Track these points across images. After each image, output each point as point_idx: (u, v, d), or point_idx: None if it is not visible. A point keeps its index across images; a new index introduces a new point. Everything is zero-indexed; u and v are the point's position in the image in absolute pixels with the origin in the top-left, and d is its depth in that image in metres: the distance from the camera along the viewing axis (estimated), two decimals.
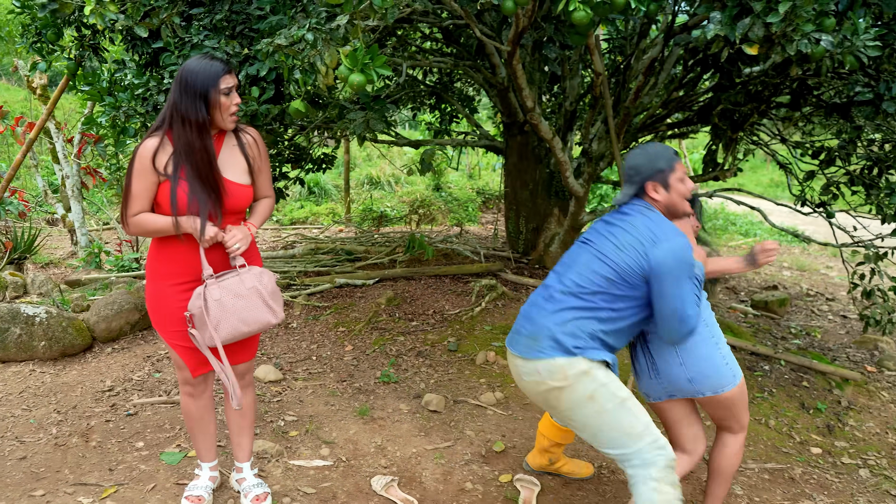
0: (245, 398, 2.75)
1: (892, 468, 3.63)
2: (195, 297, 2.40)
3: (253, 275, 2.48)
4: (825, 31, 2.36)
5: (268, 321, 2.49)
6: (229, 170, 2.47)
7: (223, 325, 2.41)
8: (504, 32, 4.88)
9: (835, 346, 5.70)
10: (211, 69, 2.33)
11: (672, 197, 2.42)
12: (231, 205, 2.45)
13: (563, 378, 2.28)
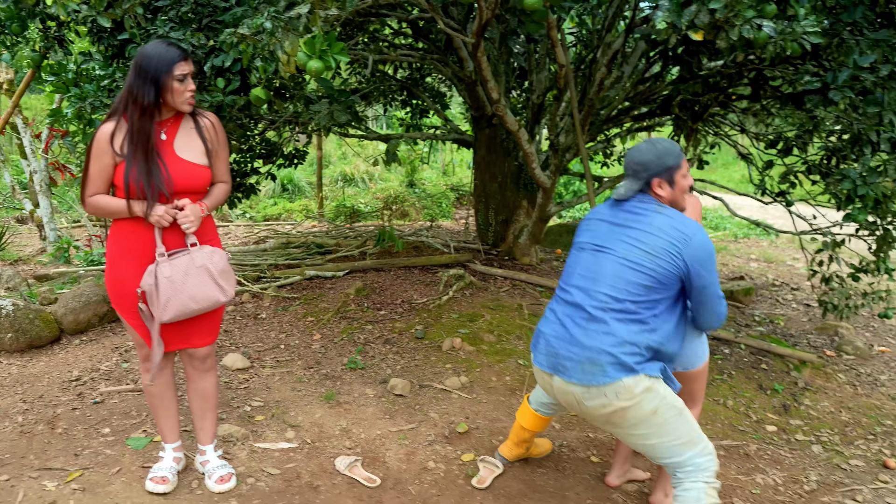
0: (207, 382, 2.80)
1: (843, 444, 3.75)
2: (147, 275, 2.49)
3: (204, 253, 2.56)
4: (766, 17, 2.46)
5: (217, 299, 2.57)
6: (186, 151, 2.54)
7: (173, 302, 2.48)
8: (470, 25, 4.96)
9: (797, 333, 5.84)
10: (166, 55, 2.40)
11: (676, 193, 2.44)
12: (186, 184, 2.51)
13: (630, 397, 2.28)
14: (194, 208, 2.54)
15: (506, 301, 4.95)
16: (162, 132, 2.54)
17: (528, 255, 6.16)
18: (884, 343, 5.67)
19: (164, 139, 2.53)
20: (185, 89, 2.46)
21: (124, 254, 2.54)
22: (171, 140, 2.54)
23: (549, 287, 5.33)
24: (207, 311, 2.63)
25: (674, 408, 2.33)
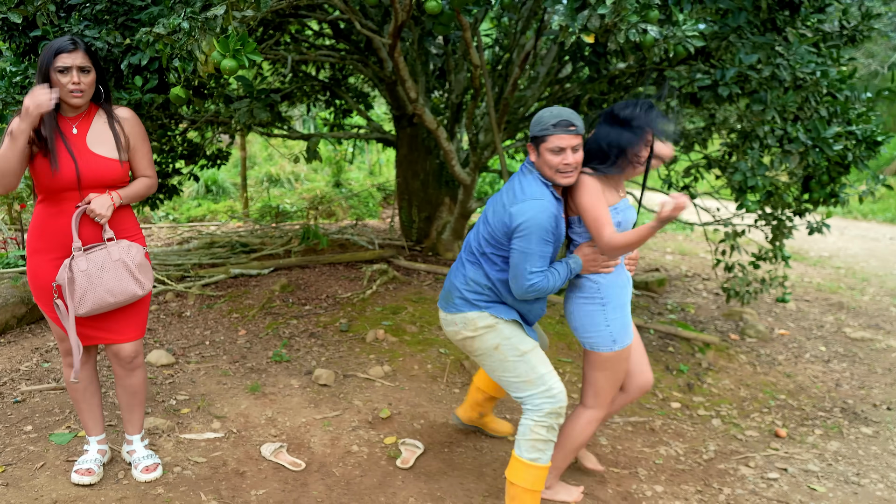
0: (135, 378, 2.84)
1: (740, 417, 4.06)
2: (63, 269, 2.53)
3: (121, 248, 2.62)
4: (650, 22, 2.69)
5: (134, 292, 2.62)
6: (98, 145, 2.59)
7: (89, 296, 2.53)
8: (387, 27, 5.10)
9: (705, 319, 6.21)
10: (52, 47, 2.48)
11: (539, 162, 2.56)
12: (96, 178, 2.57)
13: (474, 329, 2.71)
14: (102, 198, 2.56)
15: (428, 294, 5.12)
16: (73, 127, 2.59)
17: (451, 250, 6.34)
18: (784, 327, 6.09)
19: (75, 133, 2.58)
20: (66, 81, 2.49)
21: (42, 248, 2.59)
22: (82, 134, 2.59)
23: None
24: (127, 305, 2.68)
25: (516, 349, 2.68)
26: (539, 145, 2.55)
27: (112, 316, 2.69)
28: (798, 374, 4.82)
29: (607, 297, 2.69)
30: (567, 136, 2.51)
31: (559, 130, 2.51)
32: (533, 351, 2.70)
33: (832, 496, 3.19)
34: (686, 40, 2.88)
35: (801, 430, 3.91)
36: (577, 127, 2.52)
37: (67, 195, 2.57)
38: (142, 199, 2.75)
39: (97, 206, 2.54)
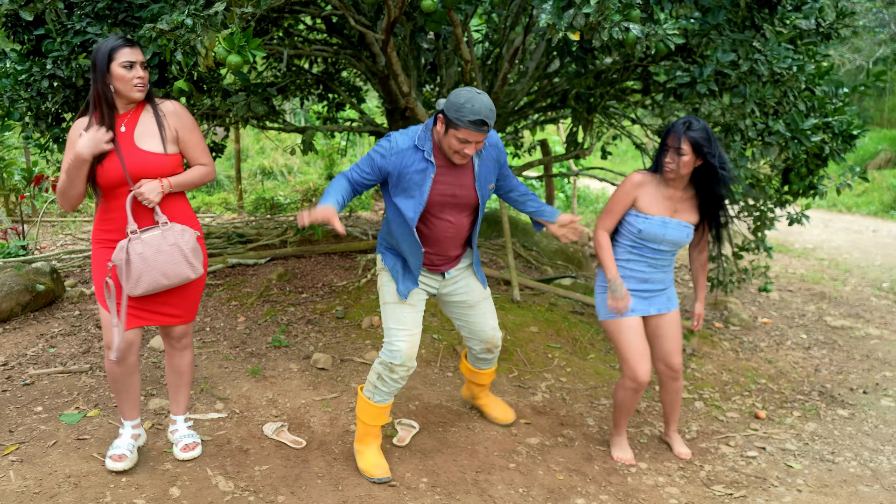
0: (183, 359, 2.98)
1: (722, 400, 4.22)
2: (118, 251, 2.63)
3: (175, 232, 2.71)
4: (632, 21, 2.83)
5: (187, 275, 2.73)
6: (143, 139, 2.68)
7: (145, 277, 2.63)
8: (380, 23, 5.22)
9: (691, 308, 6.38)
10: (108, 45, 2.58)
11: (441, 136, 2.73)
12: (144, 174, 2.65)
13: (377, 268, 3.07)
14: (152, 184, 2.65)
15: None
16: (122, 125, 2.67)
17: None
18: (767, 315, 6.27)
19: (123, 131, 2.66)
20: (132, 76, 2.60)
21: (102, 239, 2.72)
22: (130, 132, 2.68)
23: None
24: (179, 287, 2.80)
25: (383, 298, 2.99)
26: (449, 128, 2.69)
27: (168, 299, 2.81)
28: (779, 360, 5.00)
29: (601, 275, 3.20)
30: (477, 135, 2.65)
31: (473, 128, 2.63)
32: (394, 305, 2.95)
33: (807, 473, 3.36)
34: (667, 38, 3.02)
35: (780, 412, 4.08)
36: (489, 126, 2.65)
37: (119, 191, 2.66)
38: (197, 186, 2.84)
39: (146, 191, 2.63)
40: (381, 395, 2.98)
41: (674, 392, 3.37)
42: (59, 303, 4.75)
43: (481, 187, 2.90)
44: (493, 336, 3.23)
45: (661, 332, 3.25)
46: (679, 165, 2.95)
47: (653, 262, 3.12)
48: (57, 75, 3.73)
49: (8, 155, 8.22)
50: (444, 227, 2.91)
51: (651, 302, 3.19)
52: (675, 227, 3.05)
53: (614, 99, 5.61)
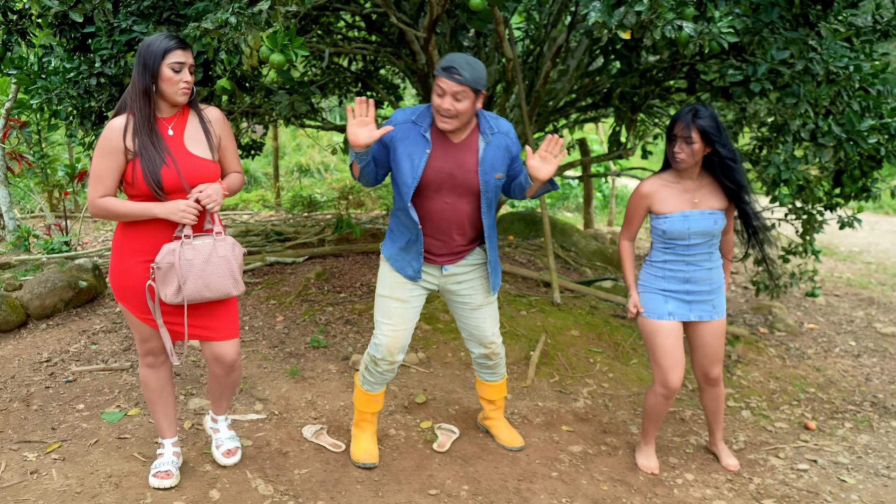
0: (233, 378, 2.83)
1: (770, 409, 4.10)
2: (166, 253, 2.47)
3: (227, 245, 2.59)
4: (685, 19, 2.74)
5: (229, 291, 2.59)
6: (194, 145, 2.56)
7: (188, 286, 2.49)
8: (421, 20, 5.17)
9: (734, 312, 6.23)
10: (161, 44, 2.45)
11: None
12: (195, 177, 2.52)
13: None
14: (215, 187, 2.53)
15: None
16: (169, 128, 2.54)
17: None
18: (813, 321, 6.10)
19: (171, 135, 2.53)
20: (179, 79, 2.47)
21: (132, 250, 2.53)
22: (179, 136, 2.55)
23: (503, 271, 5.60)
24: (220, 301, 2.67)
25: (379, 288, 2.96)
26: (433, 86, 2.66)
27: (210, 313, 2.66)
28: (827, 367, 4.84)
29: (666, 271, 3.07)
30: (448, 82, 2.55)
31: (444, 74, 2.56)
32: (383, 297, 2.92)
33: (862, 488, 3.23)
34: (720, 36, 2.92)
35: (831, 423, 3.95)
36: (462, 77, 2.53)
37: (168, 197, 2.50)
38: (235, 193, 2.77)
39: (213, 192, 2.51)
40: (369, 384, 3.02)
41: (714, 399, 3.26)
42: (100, 299, 4.79)
43: (485, 172, 2.76)
44: (492, 342, 3.11)
45: (702, 341, 3.14)
46: (689, 154, 2.86)
47: (689, 259, 3.01)
48: (105, 73, 3.74)
49: (52, 151, 8.36)
50: (440, 209, 2.79)
51: (693, 307, 3.07)
52: (699, 218, 2.94)
53: (658, 97, 5.49)
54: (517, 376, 4.09)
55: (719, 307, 3.11)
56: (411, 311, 2.94)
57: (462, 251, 2.94)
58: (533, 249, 6.86)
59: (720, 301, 3.11)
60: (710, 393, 3.24)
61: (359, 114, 2.56)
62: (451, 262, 2.94)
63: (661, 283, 3.06)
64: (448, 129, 2.67)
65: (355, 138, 2.55)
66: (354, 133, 2.55)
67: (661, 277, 3.05)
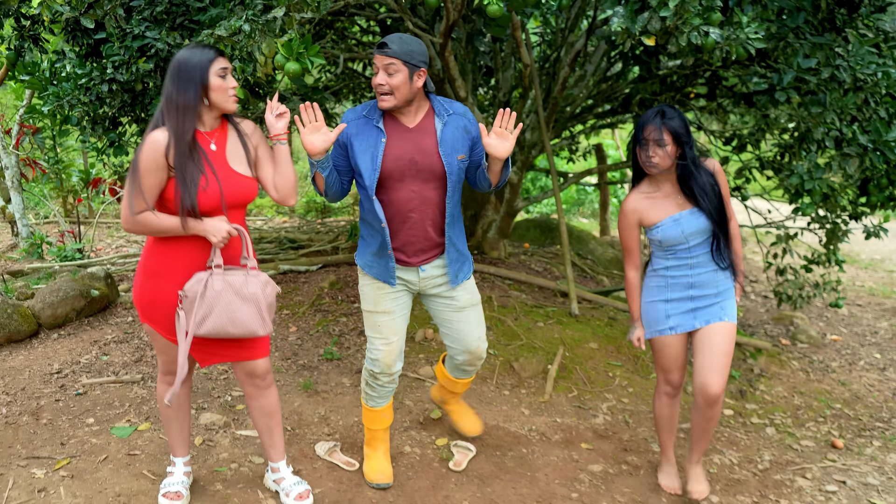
0: (269, 398, 2.68)
1: (795, 426, 3.98)
2: (195, 282, 2.36)
3: (259, 281, 2.43)
4: (712, 24, 2.64)
5: (255, 331, 2.42)
6: (236, 161, 2.44)
7: (212, 319, 2.35)
8: (437, 25, 5.10)
9: (754, 323, 6.11)
10: (203, 54, 2.33)
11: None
12: (239, 198, 2.41)
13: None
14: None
15: None
16: (212, 143, 2.41)
17: (496, 248, 6.33)
18: (836, 332, 5.96)
19: (214, 150, 2.41)
20: (227, 85, 2.36)
21: (165, 271, 2.42)
22: (222, 151, 2.42)
23: (518, 280, 5.51)
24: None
25: (364, 304, 2.86)
26: None
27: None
28: (853, 382, 4.72)
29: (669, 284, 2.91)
30: (379, 56, 2.51)
31: (376, 51, 2.53)
32: (369, 312, 2.83)
33: None
34: (748, 42, 2.82)
35: (859, 440, 3.83)
36: (391, 49, 2.49)
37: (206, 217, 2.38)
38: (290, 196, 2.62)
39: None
40: (374, 399, 2.95)
41: (706, 419, 2.94)
42: (112, 308, 4.74)
43: (447, 153, 2.65)
44: (478, 347, 2.96)
45: (705, 341, 2.86)
46: (662, 157, 2.71)
47: (692, 262, 2.86)
48: (117, 79, 3.69)
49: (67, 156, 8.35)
50: (408, 199, 2.67)
51: (698, 314, 2.88)
52: (689, 218, 2.79)
53: (678, 104, 5.38)
54: (534, 391, 4.00)
55: (729, 311, 2.90)
56: (399, 320, 2.85)
57: (437, 249, 2.80)
58: (549, 257, 6.77)
59: (730, 305, 2.91)
60: (703, 413, 2.91)
61: (308, 120, 2.51)
62: (426, 261, 2.80)
63: (664, 292, 2.91)
64: (388, 108, 2.60)
65: (311, 146, 2.50)
66: (309, 141, 2.50)
67: (664, 286, 2.91)
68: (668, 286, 2.90)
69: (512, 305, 4.92)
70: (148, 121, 4.27)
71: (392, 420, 3.06)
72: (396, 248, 2.76)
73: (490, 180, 2.72)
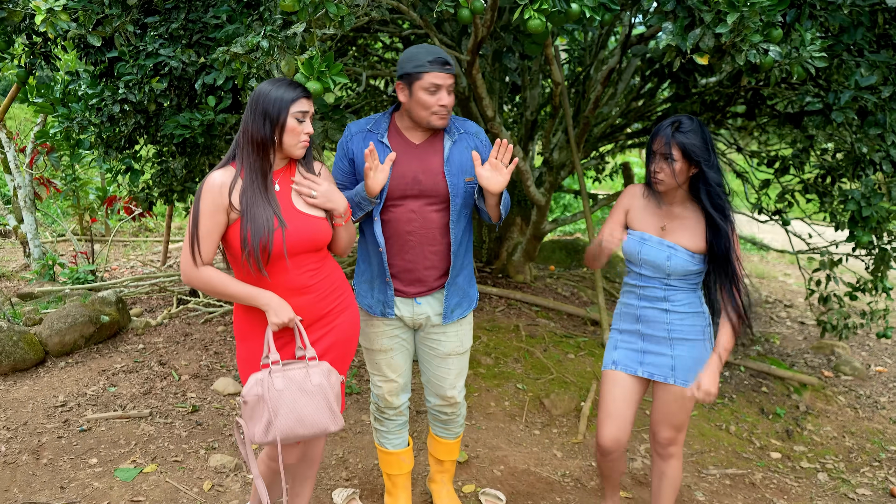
0: (318, 447, 2.48)
1: (849, 471, 3.69)
2: (253, 384, 2.10)
3: (321, 371, 2.17)
4: (772, 41, 2.41)
5: (326, 427, 2.15)
6: (300, 202, 2.21)
7: (279, 423, 2.09)
8: (464, 42, 4.90)
9: (793, 352, 5.81)
10: (286, 92, 2.13)
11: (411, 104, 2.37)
12: (308, 242, 2.18)
13: None
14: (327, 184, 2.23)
15: (502, 322, 4.87)
16: (276, 183, 2.20)
17: (522, 272, 6.09)
18: (880, 363, 5.65)
19: (277, 190, 2.19)
20: (302, 130, 2.15)
21: (251, 333, 2.22)
22: (286, 191, 2.20)
23: (545, 307, 5.26)
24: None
25: (365, 343, 2.64)
26: (412, 84, 2.32)
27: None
28: None
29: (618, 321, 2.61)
30: (443, 75, 2.31)
31: (435, 68, 2.29)
32: (367, 349, 2.64)
33: None
34: (808, 61, 2.58)
35: None
36: (452, 67, 2.33)
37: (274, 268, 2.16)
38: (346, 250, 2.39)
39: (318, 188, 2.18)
40: (385, 437, 2.74)
41: (659, 475, 2.62)
42: (123, 334, 4.55)
43: (452, 174, 2.41)
44: (451, 396, 2.66)
45: (657, 402, 2.55)
46: (669, 174, 2.33)
47: (639, 293, 2.50)
48: (129, 99, 3.52)
49: (84, 174, 8.24)
50: (407, 219, 2.43)
51: (644, 360, 2.51)
52: (654, 247, 2.42)
53: (715, 124, 5.13)
54: (567, 430, 3.74)
55: (680, 371, 2.45)
56: (398, 357, 2.59)
57: (438, 281, 2.52)
58: (575, 281, 6.51)
59: (684, 364, 2.46)
60: (657, 466, 2.62)
61: (374, 166, 2.29)
62: (425, 293, 2.52)
63: (618, 320, 2.60)
64: (442, 126, 2.40)
65: (376, 186, 2.31)
66: (377, 183, 2.31)
67: (619, 314, 2.59)
68: (621, 315, 2.59)
69: (540, 335, 4.67)
70: (163, 143, 4.10)
71: (413, 465, 2.81)
72: (393, 275, 2.50)
73: (489, 214, 2.47)
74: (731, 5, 2.27)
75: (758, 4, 2.24)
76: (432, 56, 2.29)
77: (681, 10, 2.54)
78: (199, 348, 4.33)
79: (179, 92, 3.69)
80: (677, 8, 2.55)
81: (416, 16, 3.80)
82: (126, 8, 3.36)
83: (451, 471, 2.89)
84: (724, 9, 2.30)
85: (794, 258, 9.47)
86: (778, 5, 2.31)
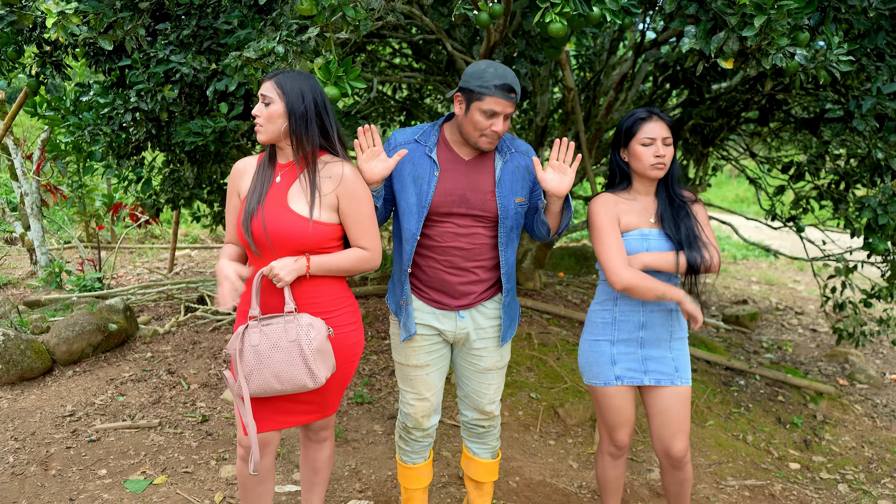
0: (321, 453, 2.49)
1: (869, 482, 3.63)
2: (234, 338, 2.13)
3: (299, 326, 2.12)
4: (799, 45, 2.36)
5: (303, 384, 2.11)
6: (296, 198, 2.17)
7: (255, 377, 2.10)
8: (475, 48, 4.86)
9: (806, 360, 5.74)
10: None
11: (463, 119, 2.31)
12: (281, 236, 2.13)
13: None
14: (285, 261, 2.12)
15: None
16: (279, 175, 2.21)
17: (531, 279, 6.04)
18: (895, 371, 5.58)
19: (278, 182, 2.19)
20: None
21: (242, 311, 2.26)
22: (284, 186, 2.19)
23: (557, 314, 5.20)
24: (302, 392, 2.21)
25: (395, 355, 2.57)
26: (471, 101, 2.25)
27: (299, 395, 2.26)
28: None
29: (615, 331, 2.48)
30: (505, 102, 2.24)
31: (499, 94, 2.22)
32: (400, 365, 2.55)
33: None
34: (833, 65, 2.53)
35: None
36: (516, 95, 2.25)
37: (263, 254, 2.18)
38: (350, 273, 2.25)
39: (277, 267, 2.10)
40: (407, 455, 2.66)
41: (677, 483, 2.56)
42: (131, 342, 4.50)
43: (503, 195, 2.35)
44: (490, 410, 2.59)
45: (660, 406, 2.46)
46: (670, 157, 2.36)
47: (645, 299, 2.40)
48: (140, 108, 3.48)
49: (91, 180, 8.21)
50: (451, 236, 2.37)
51: (649, 366, 2.44)
52: (659, 239, 2.38)
53: (730, 129, 5.08)
54: (582, 440, 3.68)
55: (682, 370, 2.46)
56: (434, 374, 2.51)
57: (481, 295, 2.46)
58: (585, 288, 6.45)
59: (684, 363, 2.47)
60: (672, 476, 2.55)
61: (367, 146, 2.23)
62: (468, 307, 2.45)
63: (610, 331, 2.46)
64: (490, 150, 2.35)
65: (370, 174, 2.23)
66: (368, 169, 2.23)
67: (611, 323, 2.46)
68: (616, 323, 2.46)
69: (553, 343, 4.61)
70: (174, 150, 4.05)
71: (431, 479, 2.75)
72: (435, 287, 2.44)
73: (549, 225, 2.38)
74: (758, 8, 2.22)
75: (785, 7, 2.19)
76: (500, 81, 2.21)
77: (703, 13, 2.49)
78: (207, 357, 4.28)
79: (191, 99, 3.65)
80: (699, 11, 2.51)
81: (428, 21, 3.76)
82: (138, 12, 3.32)
83: (490, 493, 2.76)
84: (750, 11, 2.25)
85: (803, 265, 9.40)
86: (805, 7, 2.26)
